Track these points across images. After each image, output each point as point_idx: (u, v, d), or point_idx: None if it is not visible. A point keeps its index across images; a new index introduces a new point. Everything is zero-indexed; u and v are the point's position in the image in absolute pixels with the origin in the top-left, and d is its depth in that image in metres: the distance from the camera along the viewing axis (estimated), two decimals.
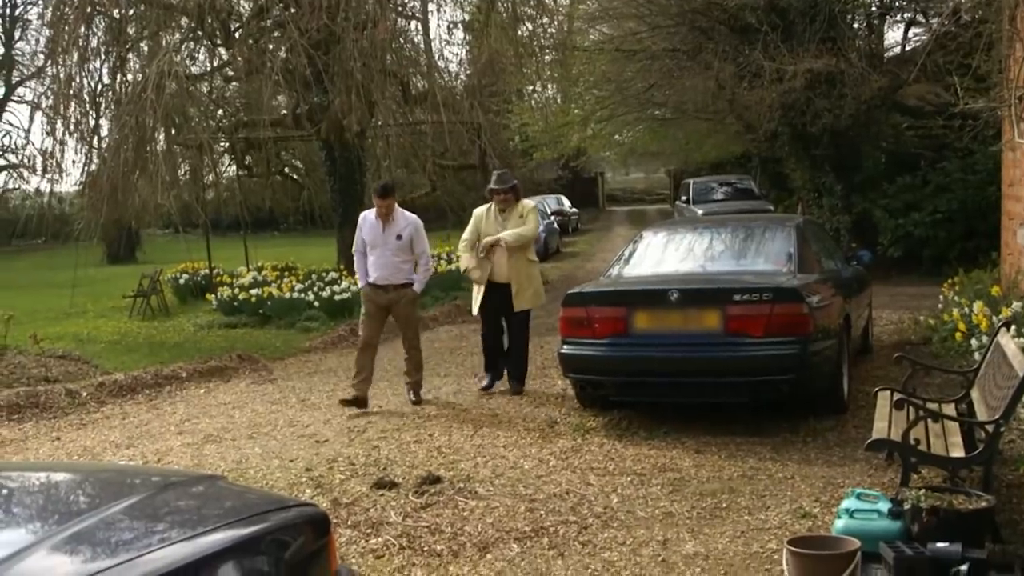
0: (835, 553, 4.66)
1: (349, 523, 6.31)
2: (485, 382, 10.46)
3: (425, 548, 5.86)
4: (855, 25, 20.47)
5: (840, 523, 5.07)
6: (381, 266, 9.85)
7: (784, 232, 9.40)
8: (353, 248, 10.18)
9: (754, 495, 6.52)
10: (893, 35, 36.52)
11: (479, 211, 10.44)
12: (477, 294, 10.37)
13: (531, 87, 26.70)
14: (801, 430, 8.03)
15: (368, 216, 10.02)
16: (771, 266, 8.90)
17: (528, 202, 10.59)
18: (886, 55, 20.96)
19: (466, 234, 10.42)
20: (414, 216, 10.08)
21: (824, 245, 10.22)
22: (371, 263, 9.91)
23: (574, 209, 42.76)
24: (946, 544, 4.72)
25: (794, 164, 22.24)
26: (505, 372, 10.49)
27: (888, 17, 21.41)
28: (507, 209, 10.18)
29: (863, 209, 19.59)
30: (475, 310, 10.51)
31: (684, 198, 29.32)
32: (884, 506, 5.11)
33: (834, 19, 17.90)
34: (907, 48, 20.53)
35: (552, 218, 32.68)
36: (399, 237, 9.82)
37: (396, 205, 9.96)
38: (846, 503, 5.23)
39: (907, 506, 5.01)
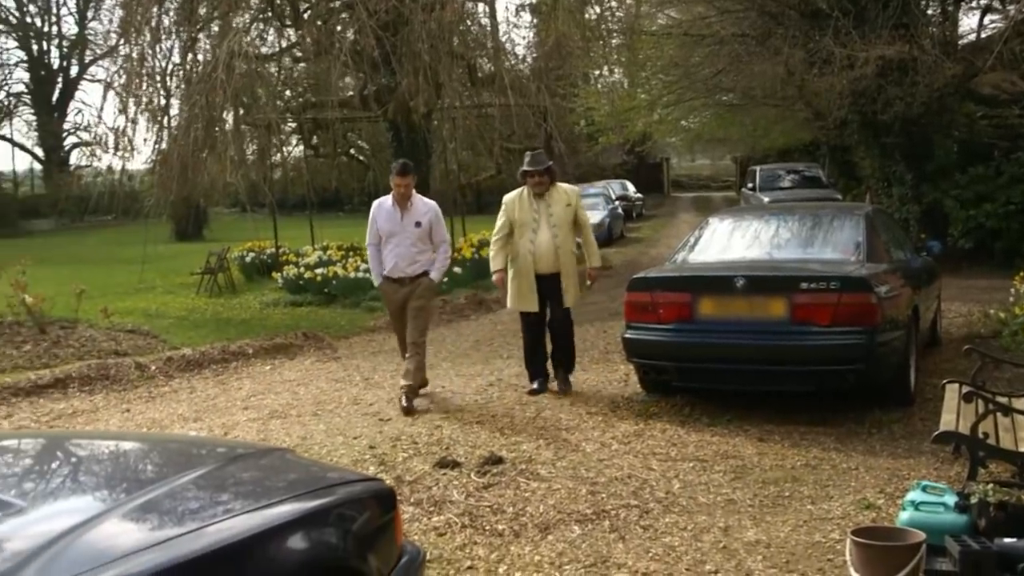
0: (900, 545, 4.61)
1: (412, 500, 6.36)
2: (534, 386, 9.50)
3: (487, 527, 5.89)
4: (929, 11, 20.10)
5: (905, 515, 5.02)
6: (397, 257, 9.20)
7: (853, 221, 9.29)
8: (367, 241, 9.49)
9: (817, 485, 6.48)
10: (968, 22, 35.79)
11: (510, 198, 9.47)
12: (520, 290, 9.39)
13: (597, 71, 26.63)
14: (866, 421, 7.95)
15: (383, 203, 9.36)
16: (839, 255, 8.80)
17: (571, 188, 9.69)
18: (960, 42, 20.54)
19: (497, 227, 9.50)
20: (433, 202, 9.52)
21: (893, 235, 10.08)
22: (386, 254, 9.27)
23: (639, 194, 42.58)
24: (1013, 540, 4.66)
25: (863, 152, 21.95)
26: (551, 370, 9.71)
27: (963, 3, 20.99)
28: (543, 194, 9.32)
29: (934, 199, 19.27)
30: (514, 304, 9.55)
31: (750, 185, 29.04)
32: (950, 499, 5.05)
33: (907, 5, 17.58)
34: (982, 35, 20.08)
35: (616, 203, 32.55)
36: (418, 225, 9.18)
37: (413, 190, 9.34)
38: (912, 495, 5.18)
39: (974, 500, 4.95)
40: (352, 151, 34.20)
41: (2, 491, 3.19)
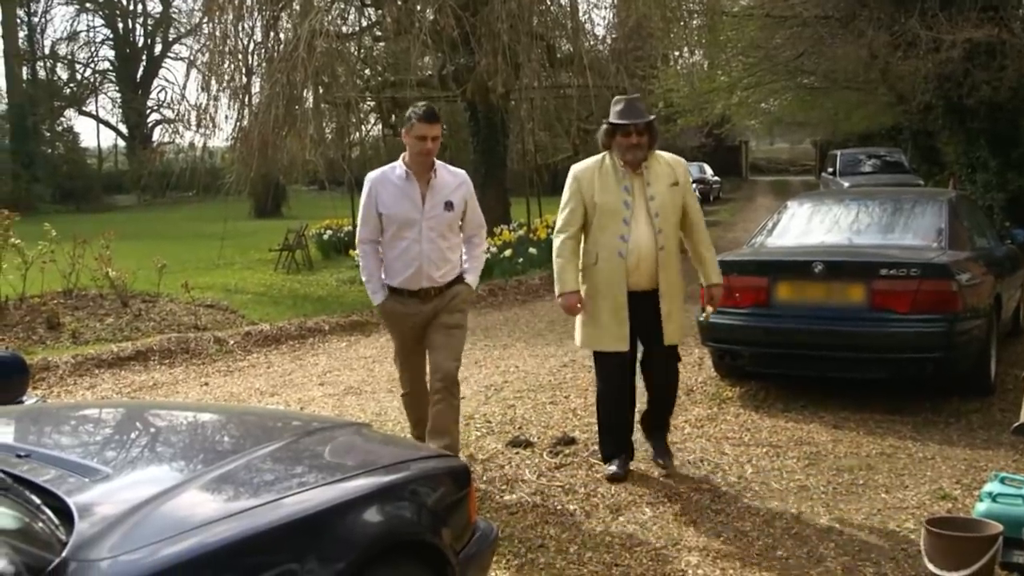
0: (976, 536, 4.56)
1: (484, 479, 6.41)
2: (613, 468, 6.41)
3: (558, 507, 5.92)
4: None
5: (982, 506, 4.95)
6: (421, 258, 6.14)
7: (935, 207, 9.13)
8: (358, 236, 6.40)
9: (892, 473, 6.41)
10: None
11: (584, 170, 6.39)
12: (599, 317, 6.31)
13: (677, 52, 26.33)
14: (944, 411, 7.84)
15: (388, 176, 6.24)
16: (920, 241, 8.66)
17: (676, 159, 6.52)
18: None
19: (563, 218, 6.40)
20: (462, 171, 6.50)
21: (976, 222, 9.89)
22: (395, 256, 6.22)
23: (716, 177, 42.21)
24: None
25: (947, 138, 21.52)
26: (638, 430, 6.84)
27: None
28: (640, 164, 6.25)
29: (1019, 186, 18.83)
30: (590, 340, 6.44)
31: (830, 170, 28.63)
32: None
33: None
34: None
35: (694, 186, 32.29)
36: (449, 206, 6.18)
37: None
38: (989, 486, 5.10)
39: None
40: None
41: (89, 457, 3.29)
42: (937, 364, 7.74)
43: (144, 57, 57.00)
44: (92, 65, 56.48)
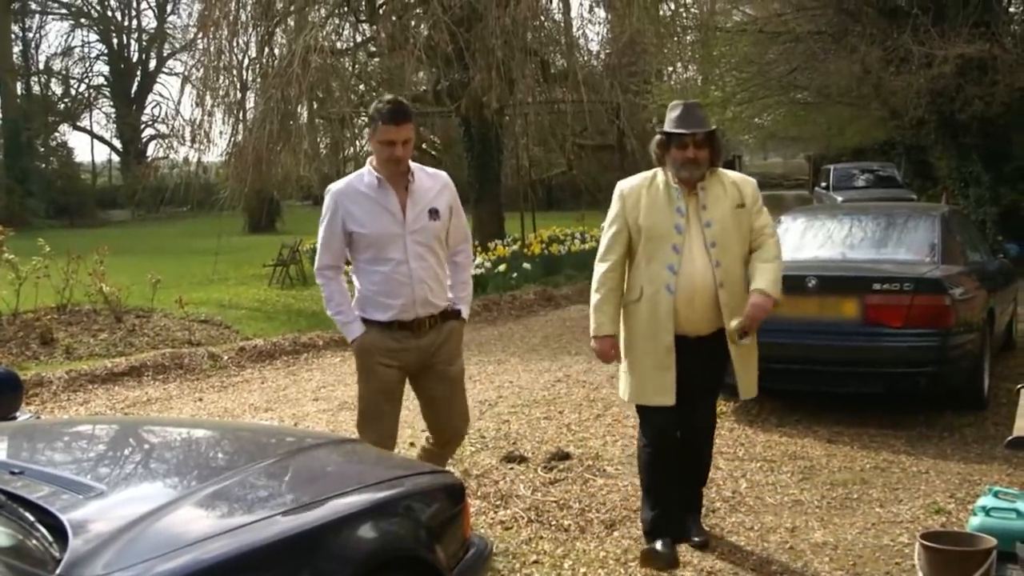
0: (970, 550, 4.56)
1: (479, 494, 6.41)
2: (657, 546, 5.29)
3: (553, 522, 5.92)
4: (1011, 9, 19.77)
5: (976, 520, 4.95)
6: (407, 282, 5.11)
7: (928, 221, 9.16)
8: (316, 265, 5.34)
9: (886, 488, 6.42)
10: None
11: (629, 188, 5.36)
12: (644, 365, 5.29)
13: (671, 67, 26.44)
14: (937, 425, 7.86)
15: (356, 187, 5.17)
16: (913, 256, 8.69)
17: (743, 178, 5.48)
18: None
19: (605, 243, 5.39)
20: (441, 172, 5.45)
21: (969, 236, 9.93)
22: (376, 285, 5.17)
23: None
24: None
25: (940, 152, 21.61)
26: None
27: None
28: (695, 183, 5.23)
29: (1012, 201, 18.91)
30: (636, 391, 5.37)
31: (824, 184, 28.72)
32: (1022, 506, 4.98)
33: (989, 2, 17.28)
34: None
35: None
36: (435, 214, 5.17)
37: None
38: (983, 500, 5.11)
39: None
40: (424, 146, 34.30)
41: (82, 474, 3.29)
42: (930, 378, 7.76)
43: (139, 72, 57.01)
44: (86, 80, 56.56)
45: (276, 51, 19.72)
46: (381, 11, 19.99)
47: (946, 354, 7.72)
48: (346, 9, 20.44)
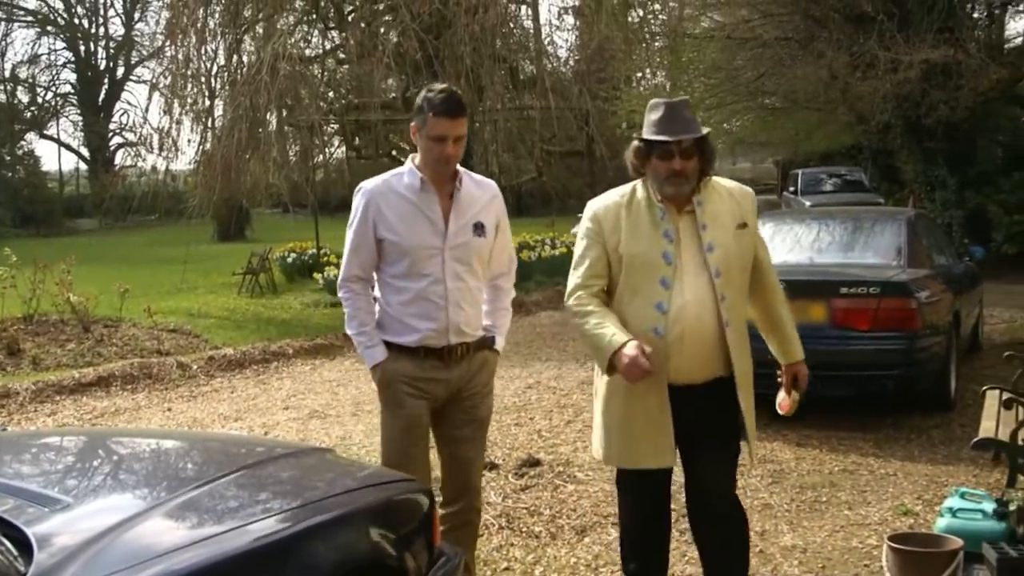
0: (937, 551, 4.61)
1: None
2: None
3: (524, 529, 5.93)
4: (975, 15, 19.97)
5: (943, 521, 5.00)
6: (441, 304, 4.36)
7: (894, 225, 9.24)
8: (342, 275, 4.50)
9: (855, 490, 6.47)
10: (1015, 26, 35.48)
11: (604, 207, 4.27)
12: (629, 423, 4.22)
13: (640, 74, 26.54)
14: (905, 427, 7.92)
15: (394, 187, 4.42)
16: (880, 259, 8.77)
17: (741, 190, 4.39)
18: (1006, 46, 20.40)
19: (578, 276, 4.25)
20: (490, 180, 4.73)
21: (935, 240, 10.02)
22: (407, 304, 4.39)
23: None
24: None
25: (906, 157, 21.79)
26: None
27: (1010, 7, 20.83)
28: (685, 200, 4.19)
29: (977, 204, 19.11)
30: (617, 453, 4.32)
31: (792, 189, 28.90)
32: (989, 506, 5.03)
33: (952, 8, 17.48)
34: None
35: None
36: (479, 230, 4.43)
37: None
38: (949, 502, 5.16)
39: (1013, 507, 4.92)
40: (394, 152, 34.21)
41: (49, 486, 3.27)
42: (898, 381, 7.83)
43: (106, 80, 56.61)
44: (53, 88, 56.06)
45: (244, 58, 19.69)
46: (350, 18, 19.96)
47: (913, 357, 7.79)
48: (314, 16, 20.40)
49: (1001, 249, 18.28)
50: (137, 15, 55.37)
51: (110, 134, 56.69)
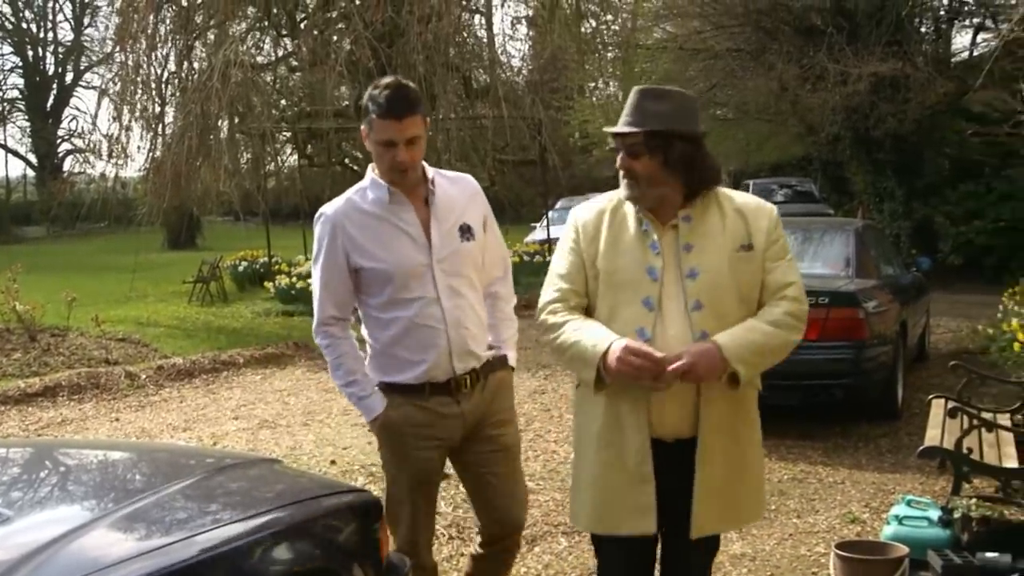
0: (883, 559, 4.65)
1: None
2: None
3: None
4: (922, 29, 20.28)
5: (889, 529, 5.06)
6: (439, 328, 3.77)
7: (843, 236, 9.35)
8: (317, 319, 3.88)
9: (803, 498, 6.52)
10: (961, 40, 35.78)
11: (587, 215, 3.55)
12: (608, 488, 3.46)
13: (593, 84, 26.68)
14: (853, 435, 8.00)
15: (358, 206, 3.82)
16: (828, 270, 8.86)
17: (759, 203, 3.58)
18: (953, 60, 20.72)
19: (551, 289, 3.53)
20: (465, 175, 4.17)
21: (883, 250, 10.14)
22: (396, 337, 3.81)
23: None
24: (995, 554, 4.70)
25: (855, 168, 22.05)
26: None
27: (956, 22, 21.16)
28: (650, 203, 3.43)
29: (924, 215, 19.39)
30: (590, 519, 3.59)
31: None
32: (934, 514, 5.09)
33: (901, 22, 17.73)
34: (975, 53, 20.24)
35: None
36: (466, 232, 3.85)
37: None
38: (896, 509, 5.22)
39: (957, 515, 4.99)
40: (346, 161, 34.14)
41: None
42: (846, 390, 7.92)
43: (55, 86, 55.96)
44: (0, 93, 55.42)
45: (196, 65, 19.57)
46: (302, 26, 19.90)
47: (861, 366, 7.87)
48: (267, 23, 20.31)
49: (947, 260, 18.55)
50: (87, 20, 54.79)
51: (59, 140, 56.02)
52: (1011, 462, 5.83)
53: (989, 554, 4.70)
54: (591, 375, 3.31)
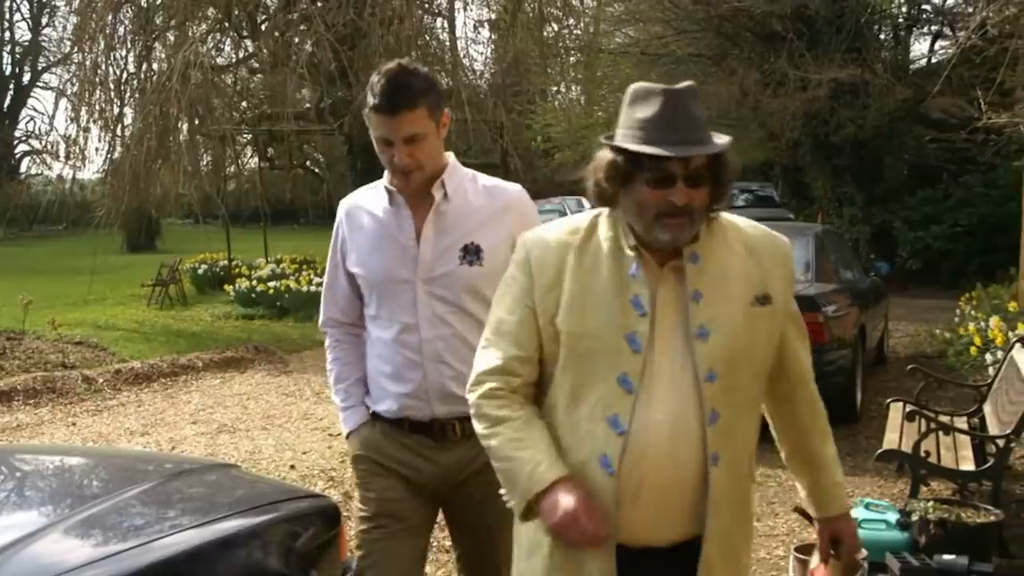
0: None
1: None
2: None
3: (434, 543, 5.86)
4: (881, 36, 20.49)
5: None
6: (416, 359, 3.20)
7: (802, 241, 9.38)
8: (321, 314, 3.53)
9: (763, 501, 6.54)
10: (919, 47, 36.31)
11: (541, 248, 2.56)
12: None
13: (555, 88, 26.69)
14: None
15: (364, 204, 3.33)
16: None
17: (772, 236, 2.70)
18: (911, 67, 20.95)
19: (491, 348, 2.57)
20: (513, 185, 3.42)
21: (842, 255, 10.21)
22: (382, 358, 3.29)
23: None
24: (952, 557, 4.73)
25: (815, 173, 22.23)
26: None
27: (915, 29, 21.42)
28: (677, 249, 2.49)
29: (883, 220, 19.59)
30: None
31: None
32: (892, 517, 5.12)
33: (860, 29, 17.90)
34: (933, 61, 20.54)
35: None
36: (471, 254, 3.18)
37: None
38: (854, 512, 5.20)
39: (915, 518, 5.02)
40: (307, 164, 34.05)
41: None
42: None
43: (12, 86, 55.40)
44: None
45: (155, 66, 19.41)
46: (263, 27, 19.78)
47: (820, 370, 7.82)
48: (227, 25, 20.18)
49: (906, 264, 18.75)
50: (44, 20, 54.35)
51: (15, 141, 55.47)
52: (968, 465, 5.88)
53: (946, 556, 4.73)
54: (520, 507, 2.51)
